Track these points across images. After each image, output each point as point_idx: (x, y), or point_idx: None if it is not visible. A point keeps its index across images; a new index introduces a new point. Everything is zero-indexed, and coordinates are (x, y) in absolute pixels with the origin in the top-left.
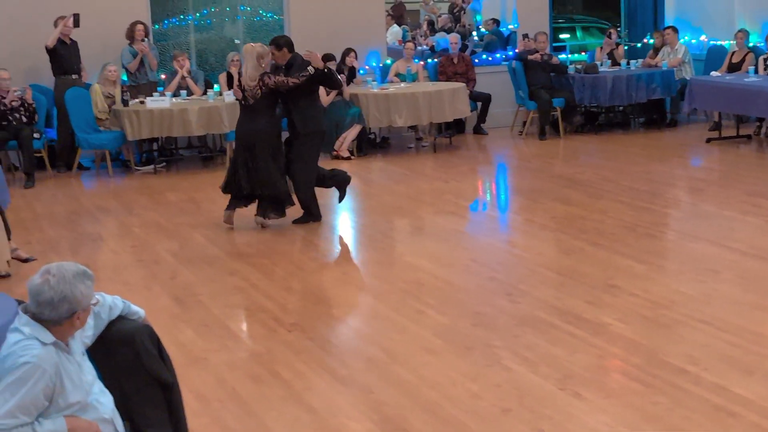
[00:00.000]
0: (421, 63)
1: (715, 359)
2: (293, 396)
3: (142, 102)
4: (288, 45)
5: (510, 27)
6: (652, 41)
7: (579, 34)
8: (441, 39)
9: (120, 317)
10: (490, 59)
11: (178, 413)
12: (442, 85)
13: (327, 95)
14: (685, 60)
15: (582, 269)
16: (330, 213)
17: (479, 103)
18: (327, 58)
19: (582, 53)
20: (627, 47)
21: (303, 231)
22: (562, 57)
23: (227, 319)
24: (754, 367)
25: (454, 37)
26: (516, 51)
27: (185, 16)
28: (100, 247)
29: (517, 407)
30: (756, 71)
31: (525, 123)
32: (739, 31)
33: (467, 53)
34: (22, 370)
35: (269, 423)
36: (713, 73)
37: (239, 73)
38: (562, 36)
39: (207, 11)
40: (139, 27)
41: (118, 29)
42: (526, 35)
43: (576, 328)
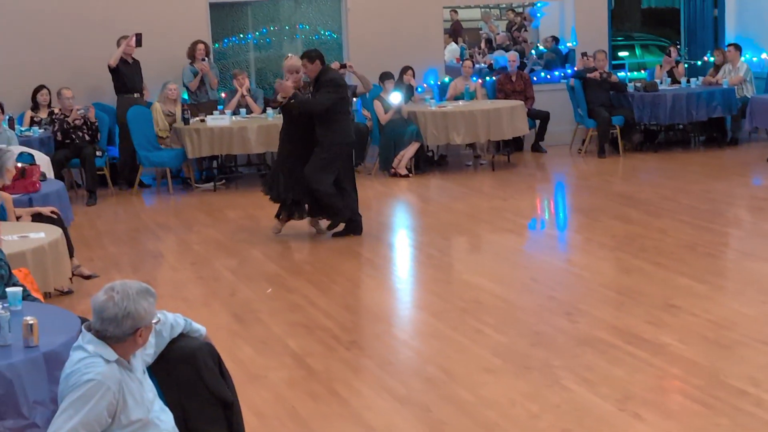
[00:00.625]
0: (479, 81)
1: None
2: (352, 414)
3: (202, 120)
4: (319, 58)
5: (569, 45)
6: (712, 59)
7: (638, 51)
8: (499, 57)
9: (181, 334)
10: (548, 77)
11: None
12: (500, 103)
13: (385, 113)
14: (747, 78)
15: (642, 289)
16: (387, 231)
17: (537, 121)
18: (385, 76)
19: (641, 71)
20: (687, 65)
21: (361, 249)
22: (621, 75)
23: (286, 337)
24: None
25: (512, 56)
26: (575, 69)
27: (245, 35)
28: (160, 264)
29: (577, 428)
30: None
31: (584, 141)
32: None
33: (526, 71)
34: (86, 387)
35: None
36: None
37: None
38: (621, 54)
39: (266, 30)
40: (200, 46)
41: (179, 48)
42: (584, 53)
43: (636, 348)
